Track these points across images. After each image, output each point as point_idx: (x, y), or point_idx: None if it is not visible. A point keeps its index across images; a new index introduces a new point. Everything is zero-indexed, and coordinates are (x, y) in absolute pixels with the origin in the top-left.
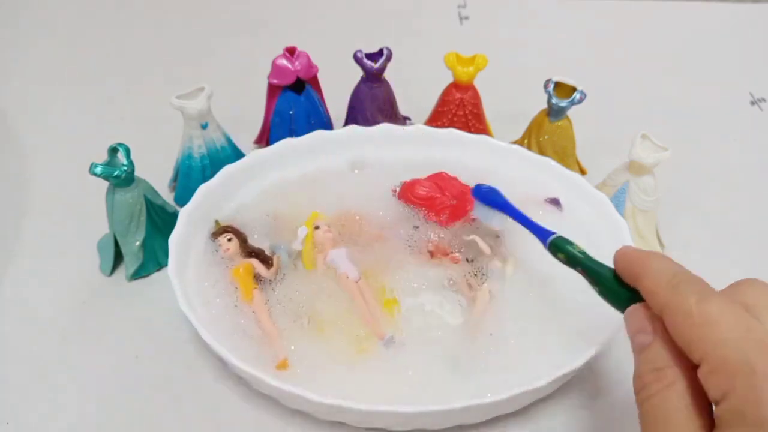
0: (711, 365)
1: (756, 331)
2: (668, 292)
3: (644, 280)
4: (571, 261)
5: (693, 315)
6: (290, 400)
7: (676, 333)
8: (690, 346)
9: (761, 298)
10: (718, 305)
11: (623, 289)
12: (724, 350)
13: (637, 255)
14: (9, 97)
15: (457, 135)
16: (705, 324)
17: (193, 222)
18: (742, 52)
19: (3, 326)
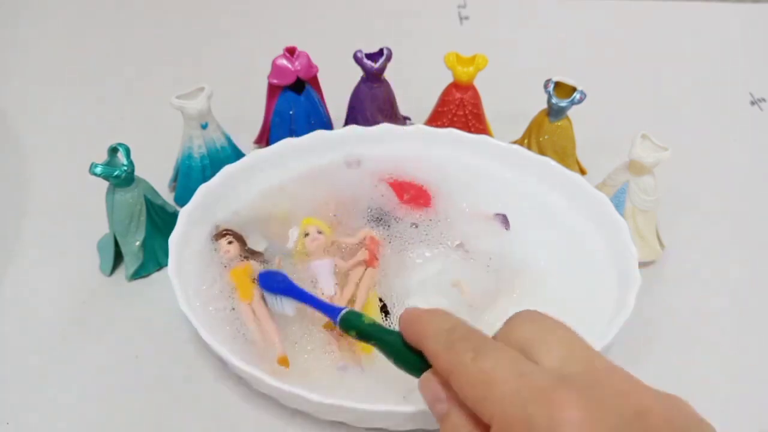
0: (498, 426)
1: (530, 376)
2: (447, 353)
3: (425, 342)
4: (362, 335)
5: (471, 375)
6: (290, 400)
7: (462, 396)
8: (477, 408)
9: (534, 332)
10: (492, 358)
11: (416, 356)
12: (504, 408)
13: (417, 315)
14: (9, 97)
15: (457, 135)
16: (483, 382)
17: (193, 222)
18: (742, 52)
19: (3, 326)
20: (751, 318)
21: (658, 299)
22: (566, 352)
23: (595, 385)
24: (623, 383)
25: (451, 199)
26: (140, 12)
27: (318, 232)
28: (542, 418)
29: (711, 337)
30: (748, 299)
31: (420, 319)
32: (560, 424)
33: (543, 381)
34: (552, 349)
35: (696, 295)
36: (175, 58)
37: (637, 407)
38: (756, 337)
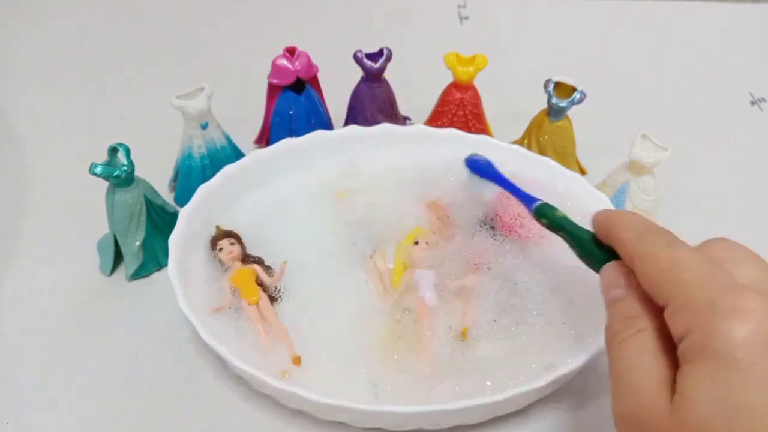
0: (675, 305)
1: (719, 275)
2: (637, 241)
3: (616, 232)
4: (553, 225)
5: (660, 260)
6: (290, 400)
7: (644, 280)
8: (657, 290)
9: (727, 251)
10: (685, 252)
11: (601, 250)
12: (687, 290)
13: (611, 213)
14: (9, 97)
15: (457, 135)
16: (671, 268)
17: (193, 222)
18: (742, 52)
19: (3, 326)
20: None
21: None
22: (758, 273)
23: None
24: None
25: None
26: (140, 12)
27: (426, 243)
28: (726, 304)
29: None
30: None
31: (616, 213)
32: (743, 311)
33: (732, 280)
34: (744, 267)
35: None
36: (175, 58)
37: None
38: None
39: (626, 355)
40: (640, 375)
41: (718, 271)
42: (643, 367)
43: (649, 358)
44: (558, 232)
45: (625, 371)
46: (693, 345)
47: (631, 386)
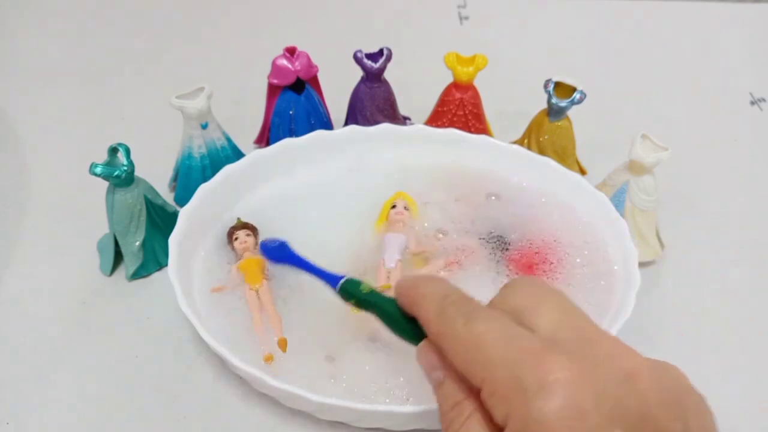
0: (488, 389)
1: (519, 339)
2: (438, 318)
3: (419, 309)
4: (361, 303)
5: (461, 339)
6: (290, 400)
7: (453, 361)
8: (466, 372)
9: (527, 298)
10: (484, 323)
11: (412, 325)
12: (494, 371)
13: (413, 281)
14: (9, 97)
15: (457, 135)
16: (474, 347)
17: (193, 222)
18: (742, 52)
19: (3, 326)
20: (751, 318)
21: (658, 299)
22: (559, 317)
23: (586, 349)
24: (615, 347)
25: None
26: (140, 12)
27: (405, 208)
28: (531, 379)
29: (711, 337)
30: (748, 299)
31: (415, 285)
32: (549, 384)
33: (533, 344)
34: (545, 314)
35: (696, 295)
36: (175, 58)
37: (627, 370)
38: (756, 336)
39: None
40: None
41: (519, 334)
42: None
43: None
44: (369, 310)
45: None
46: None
47: None
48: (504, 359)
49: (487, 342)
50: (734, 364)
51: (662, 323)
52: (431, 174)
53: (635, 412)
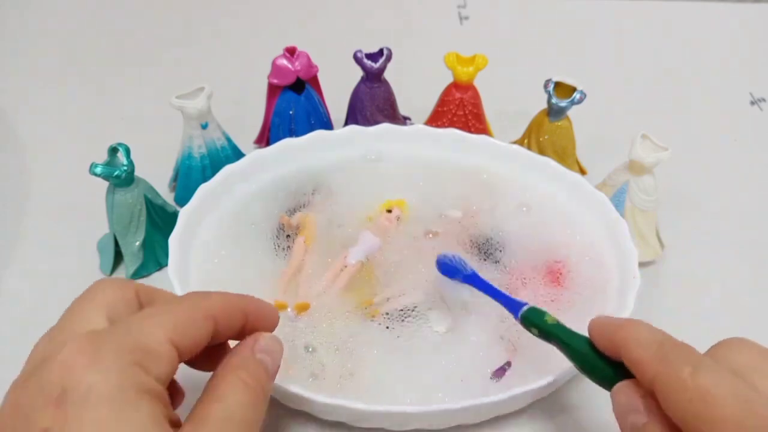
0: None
1: (755, 403)
2: (657, 363)
3: (628, 350)
4: (544, 334)
5: (688, 388)
6: (290, 400)
7: (670, 408)
8: (688, 424)
9: (750, 359)
10: (713, 377)
11: (605, 363)
12: (724, 429)
13: (615, 324)
14: (9, 97)
15: (458, 135)
16: (702, 399)
17: (193, 222)
18: (742, 52)
19: (3, 326)
20: (752, 318)
21: (658, 299)
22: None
23: None
24: None
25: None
26: (140, 12)
27: (397, 218)
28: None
29: (711, 337)
30: (748, 299)
31: (622, 327)
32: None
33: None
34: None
35: (696, 295)
36: (175, 58)
37: None
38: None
39: None
40: None
41: (753, 398)
42: None
43: None
44: (551, 341)
45: None
46: None
47: None
48: (739, 422)
49: (717, 398)
50: None
51: (662, 323)
52: (431, 174)
53: None
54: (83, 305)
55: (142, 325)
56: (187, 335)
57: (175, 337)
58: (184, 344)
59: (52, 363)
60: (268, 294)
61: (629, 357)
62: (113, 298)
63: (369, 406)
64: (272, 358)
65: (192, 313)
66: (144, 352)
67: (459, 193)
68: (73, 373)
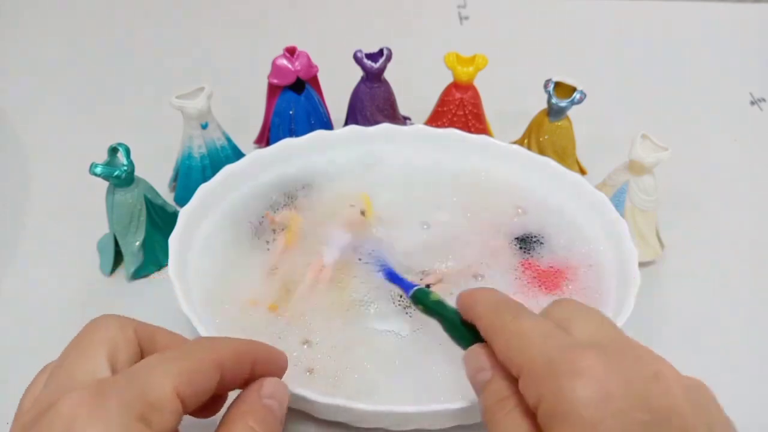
0: (525, 374)
1: (558, 337)
2: (491, 315)
3: (474, 310)
4: (427, 310)
5: (508, 331)
6: (290, 401)
7: (497, 352)
8: (508, 362)
9: (567, 311)
10: (529, 321)
11: (468, 330)
12: (530, 357)
13: (473, 291)
14: (9, 97)
15: (458, 135)
16: (516, 338)
17: (193, 222)
18: (742, 52)
19: (3, 326)
20: (752, 318)
21: (658, 299)
22: (595, 328)
23: (618, 351)
24: (646, 353)
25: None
26: (140, 12)
27: (361, 212)
28: (564, 364)
29: (711, 337)
30: (748, 299)
31: (474, 292)
32: (580, 369)
33: (569, 340)
34: (583, 325)
35: (696, 295)
36: (175, 58)
37: (655, 370)
38: (756, 336)
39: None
40: None
41: (557, 332)
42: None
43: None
44: (432, 317)
45: None
46: (546, 412)
47: None
48: (541, 347)
49: (527, 333)
50: (734, 364)
51: (662, 323)
52: (431, 174)
53: (662, 404)
54: (84, 346)
55: (148, 375)
56: (194, 385)
57: (181, 387)
58: (189, 395)
59: (54, 415)
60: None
61: (473, 315)
62: (114, 338)
63: (369, 406)
64: (279, 402)
65: (200, 363)
66: (148, 406)
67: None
68: (75, 428)
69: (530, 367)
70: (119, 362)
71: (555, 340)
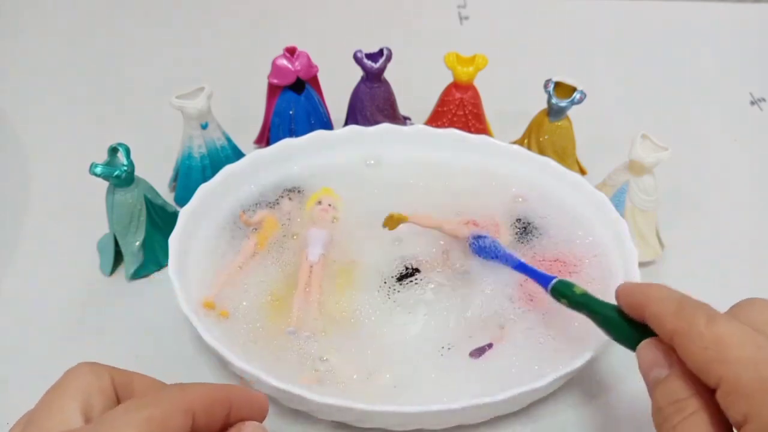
0: (727, 387)
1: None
2: (675, 317)
3: (649, 308)
4: (573, 304)
5: (704, 337)
6: (290, 400)
7: (688, 358)
8: (704, 369)
9: (764, 314)
10: (727, 325)
11: (631, 327)
12: (738, 370)
13: (638, 287)
14: (9, 97)
15: (458, 135)
16: (717, 345)
17: (193, 222)
18: (742, 52)
19: (3, 326)
20: None
21: None
22: None
23: None
24: None
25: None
26: (140, 11)
27: (329, 204)
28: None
29: None
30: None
31: (645, 289)
32: None
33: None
34: None
35: (696, 295)
36: (175, 58)
37: None
38: None
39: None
40: None
41: (765, 343)
42: None
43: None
44: (580, 311)
45: None
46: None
47: None
48: (752, 362)
49: (732, 342)
50: None
51: None
52: (431, 174)
53: None
54: (56, 397)
55: (114, 424)
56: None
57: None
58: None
59: None
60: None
61: (650, 313)
62: (88, 387)
63: (369, 406)
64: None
65: (169, 410)
66: None
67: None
68: None
69: (735, 380)
70: (95, 411)
71: (765, 352)
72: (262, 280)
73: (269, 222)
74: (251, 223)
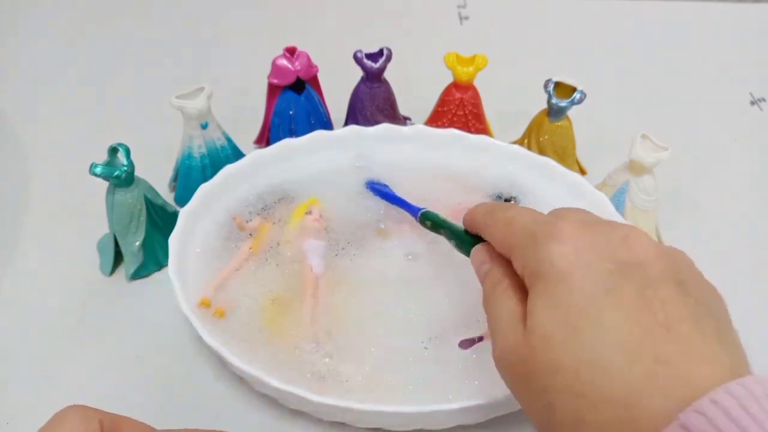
0: (514, 252)
1: (541, 217)
2: (486, 215)
3: (475, 219)
4: (435, 226)
5: (499, 220)
6: (290, 400)
7: (494, 242)
8: (502, 247)
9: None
10: (517, 209)
11: (472, 238)
12: (518, 235)
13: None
14: (9, 97)
15: (458, 135)
16: (507, 225)
17: (193, 222)
18: (742, 52)
19: (3, 326)
20: (751, 318)
21: None
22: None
23: (594, 222)
24: (621, 224)
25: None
26: (140, 12)
27: (320, 215)
28: (543, 233)
29: None
30: (749, 299)
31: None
32: (556, 234)
33: (552, 218)
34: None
35: None
36: (175, 58)
37: (625, 233)
38: (756, 336)
39: (493, 309)
40: (503, 318)
41: (541, 215)
42: (504, 312)
43: (510, 304)
44: (439, 232)
45: (494, 321)
46: (529, 274)
47: (499, 330)
48: (526, 226)
49: (516, 218)
50: None
51: None
52: (431, 174)
53: (628, 258)
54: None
55: None
56: None
57: None
58: None
59: None
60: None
61: (475, 224)
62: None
63: (369, 406)
64: None
65: None
66: None
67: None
68: None
69: (517, 242)
70: None
71: (539, 218)
72: (261, 285)
73: (263, 228)
74: (246, 228)
